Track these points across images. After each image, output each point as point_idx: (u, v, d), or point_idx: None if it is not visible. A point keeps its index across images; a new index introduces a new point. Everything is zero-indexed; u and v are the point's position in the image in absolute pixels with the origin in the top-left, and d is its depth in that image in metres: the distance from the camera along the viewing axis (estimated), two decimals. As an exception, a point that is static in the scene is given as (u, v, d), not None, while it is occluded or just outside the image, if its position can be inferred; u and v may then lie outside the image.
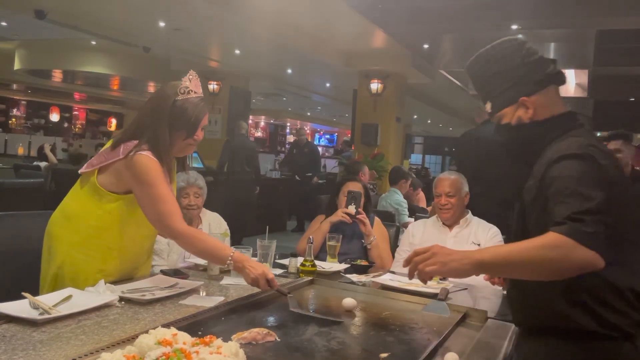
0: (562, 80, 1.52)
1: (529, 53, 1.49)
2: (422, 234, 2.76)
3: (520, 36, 1.54)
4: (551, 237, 1.25)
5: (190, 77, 1.92)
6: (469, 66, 1.59)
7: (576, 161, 1.32)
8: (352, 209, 2.77)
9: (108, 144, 1.94)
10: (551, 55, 7.59)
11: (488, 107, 1.56)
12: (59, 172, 6.97)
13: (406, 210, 5.12)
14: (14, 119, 15.72)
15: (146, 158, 1.79)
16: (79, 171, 1.91)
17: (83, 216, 1.86)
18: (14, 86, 14.30)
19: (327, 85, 11.66)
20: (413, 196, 5.68)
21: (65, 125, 16.66)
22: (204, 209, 2.83)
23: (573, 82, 9.11)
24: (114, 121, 18.28)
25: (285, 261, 2.35)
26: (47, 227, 1.92)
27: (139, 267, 2.05)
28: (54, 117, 16.51)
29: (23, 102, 15.99)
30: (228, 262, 1.78)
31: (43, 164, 7.64)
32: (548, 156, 1.39)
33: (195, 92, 1.91)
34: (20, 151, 10.21)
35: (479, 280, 2.46)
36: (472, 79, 1.61)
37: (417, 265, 1.40)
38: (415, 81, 9.18)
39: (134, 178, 1.80)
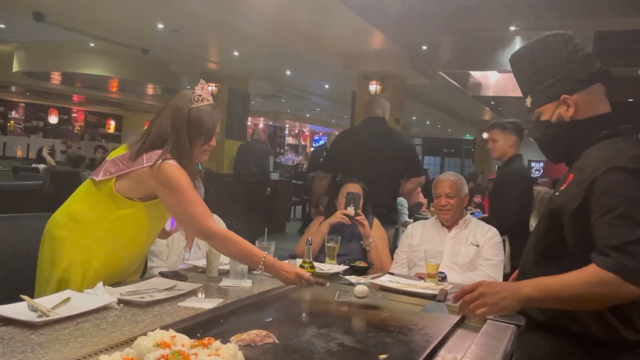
0: (608, 78, 1.46)
1: (576, 49, 1.44)
2: (421, 234, 2.76)
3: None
4: (596, 273, 1.23)
5: (202, 85, 1.98)
6: (513, 58, 1.54)
7: (628, 176, 1.27)
8: (350, 210, 2.78)
9: (121, 151, 1.95)
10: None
11: (528, 101, 1.50)
12: (57, 174, 6.97)
13: (406, 209, 5.13)
14: (12, 121, 15.69)
15: (173, 166, 1.84)
16: (97, 179, 1.90)
17: (95, 220, 1.88)
18: (13, 88, 14.28)
19: (326, 86, 11.67)
20: (414, 196, 5.71)
21: (64, 127, 16.63)
22: None
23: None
24: (112, 123, 18.23)
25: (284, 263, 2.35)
26: (49, 230, 1.92)
27: (137, 269, 2.09)
28: (53, 119, 16.46)
29: (22, 104, 15.96)
30: (260, 266, 1.84)
31: (41, 166, 7.63)
32: (594, 164, 1.33)
33: (207, 100, 1.96)
34: (19, 153, 10.21)
35: (476, 280, 2.46)
36: (514, 72, 1.55)
37: (467, 305, 1.36)
38: (414, 82, 9.19)
39: (162, 185, 1.84)
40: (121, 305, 1.65)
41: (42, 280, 1.89)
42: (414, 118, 16.31)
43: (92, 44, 8.50)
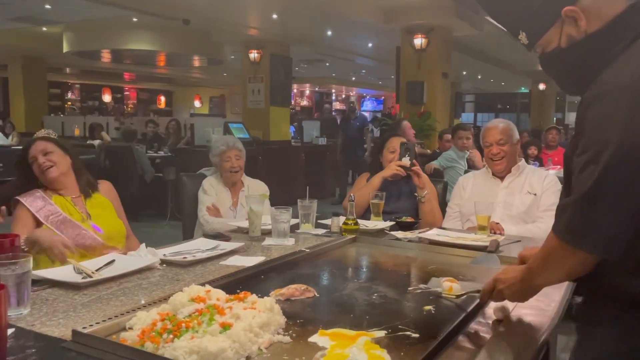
0: None
1: None
2: (472, 186, 2.64)
3: None
4: (551, 240, 1.06)
5: None
6: None
7: (610, 103, 0.97)
8: (406, 161, 2.63)
9: None
10: None
11: (523, 37, 1.14)
12: (111, 149, 7.22)
13: (458, 161, 4.98)
14: (69, 102, 16.37)
15: None
16: None
17: None
18: (67, 70, 14.80)
19: (369, 45, 11.34)
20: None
21: (117, 105, 17.23)
22: (245, 175, 2.86)
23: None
24: (162, 98, 18.76)
25: (327, 221, 2.30)
26: None
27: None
28: (107, 98, 17.10)
29: (77, 85, 16.60)
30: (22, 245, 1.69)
31: (97, 142, 7.92)
32: (596, 89, 1.03)
33: None
34: (77, 132, 10.60)
35: (535, 232, 2.32)
36: (489, 11, 1.24)
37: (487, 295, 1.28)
38: (462, 33, 8.76)
39: None
40: (164, 265, 1.66)
41: None
42: (464, 73, 15.67)
43: (135, 19, 8.59)
